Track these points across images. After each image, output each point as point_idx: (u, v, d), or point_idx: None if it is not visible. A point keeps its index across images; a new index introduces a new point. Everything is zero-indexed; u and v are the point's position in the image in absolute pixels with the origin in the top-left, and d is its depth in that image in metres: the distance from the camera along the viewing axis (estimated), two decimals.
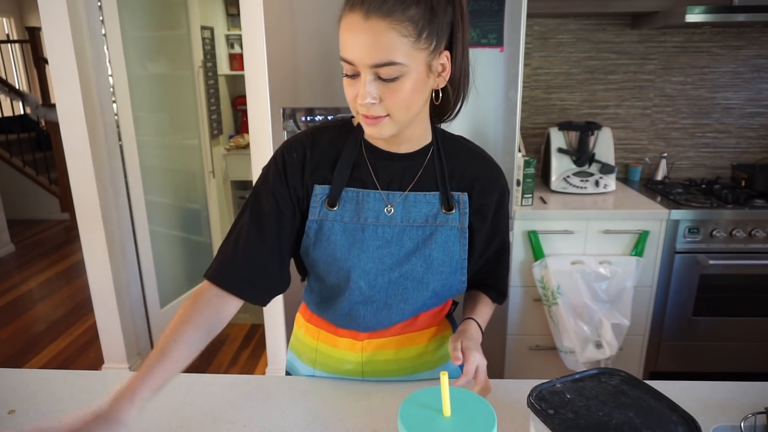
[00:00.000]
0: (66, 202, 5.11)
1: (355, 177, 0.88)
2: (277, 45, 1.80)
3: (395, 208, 0.87)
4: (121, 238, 2.46)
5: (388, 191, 0.88)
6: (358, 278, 0.88)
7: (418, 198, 0.88)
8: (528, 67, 2.50)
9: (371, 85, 0.75)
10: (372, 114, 0.77)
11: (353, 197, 0.87)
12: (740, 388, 0.96)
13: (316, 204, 0.87)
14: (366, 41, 0.72)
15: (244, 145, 3.66)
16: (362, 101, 0.75)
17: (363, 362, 0.97)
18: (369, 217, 0.87)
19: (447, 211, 0.88)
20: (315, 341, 1.00)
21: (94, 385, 0.99)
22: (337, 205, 0.87)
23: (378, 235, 0.87)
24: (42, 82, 5.35)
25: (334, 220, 0.87)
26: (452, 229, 0.89)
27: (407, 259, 0.88)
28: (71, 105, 2.17)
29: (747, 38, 2.43)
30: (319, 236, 0.88)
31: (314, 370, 1.02)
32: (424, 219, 0.88)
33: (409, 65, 0.74)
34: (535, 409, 0.69)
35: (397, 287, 0.89)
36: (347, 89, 0.79)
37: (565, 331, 2.07)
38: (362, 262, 0.87)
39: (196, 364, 2.76)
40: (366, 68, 0.74)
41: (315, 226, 0.88)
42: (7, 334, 3.03)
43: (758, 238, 2.08)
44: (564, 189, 2.30)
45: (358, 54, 0.73)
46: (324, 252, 0.88)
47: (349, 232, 0.87)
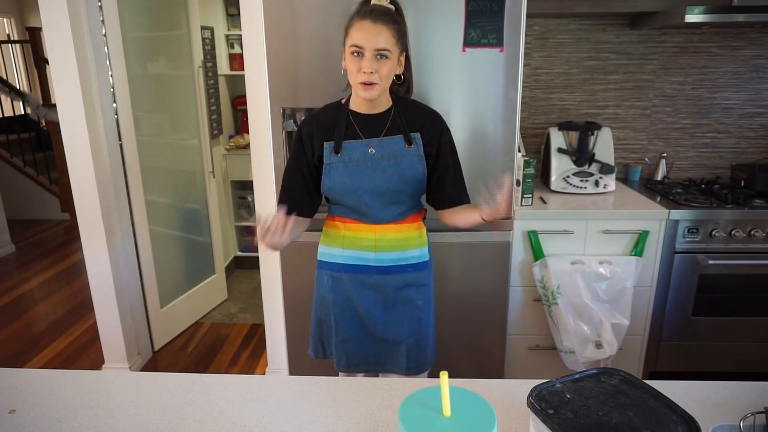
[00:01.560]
0: (66, 202, 5.11)
1: (348, 133, 1.39)
2: (277, 45, 1.80)
3: (375, 149, 1.38)
4: (121, 238, 2.46)
5: (369, 138, 1.39)
6: (361, 195, 1.39)
7: (390, 140, 1.39)
8: (528, 67, 2.50)
9: (373, 61, 1.27)
10: (370, 80, 1.28)
11: (348, 146, 1.39)
12: (739, 388, 0.96)
13: (327, 154, 1.39)
14: (374, 36, 1.26)
15: (244, 145, 3.66)
16: (367, 71, 1.27)
17: (376, 239, 1.44)
18: (359, 156, 1.38)
19: (408, 145, 1.39)
20: (342, 230, 1.47)
21: (95, 385, 0.99)
22: (340, 152, 1.38)
23: (367, 166, 1.38)
24: (42, 82, 5.35)
25: (338, 162, 1.38)
26: (413, 156, 1.40)
27: (390, 179, 1.38)
28: (71, 105, 2.17)
29: (746, 38, 2.44)
30: (330, 173, 1.39)
31: (343, 250, 1.46)
32: (395, 153, 1.39)
33: (393, 53, 1.29)
34: (535, 409, 0.69)
35: (386, 196, 1.40)
36: (351, 66, 1.30)
37: (565, 331, 2.08)
38: (361, 185, 1.38)
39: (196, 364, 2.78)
40: (371, 50, 1.26)
41: (328, 168, 1.39)
42: (8, 333, 3.03)
43: (758, 238, 2.08)
44: (564, 189, 2.31)
45: (369, 42, 1.26)
46: (336, 182, 1.39)
47: (350, 167, 1.38)
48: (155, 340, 2.77)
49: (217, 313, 3.24)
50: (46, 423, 0.88)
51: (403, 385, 0.98)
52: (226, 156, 3.66)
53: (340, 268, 1.48)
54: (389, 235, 1.46)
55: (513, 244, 2.07)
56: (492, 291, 2.01)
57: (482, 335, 2.07)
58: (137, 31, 2.58)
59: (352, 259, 1.47)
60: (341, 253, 1.47)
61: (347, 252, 1.47)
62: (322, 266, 1.53)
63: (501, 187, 1.22)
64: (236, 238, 3.94)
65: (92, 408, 0.92)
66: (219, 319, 3.16)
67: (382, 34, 1.25)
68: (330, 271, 1.49)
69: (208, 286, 3.22)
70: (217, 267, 3.30)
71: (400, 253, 1.46)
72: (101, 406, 0.93)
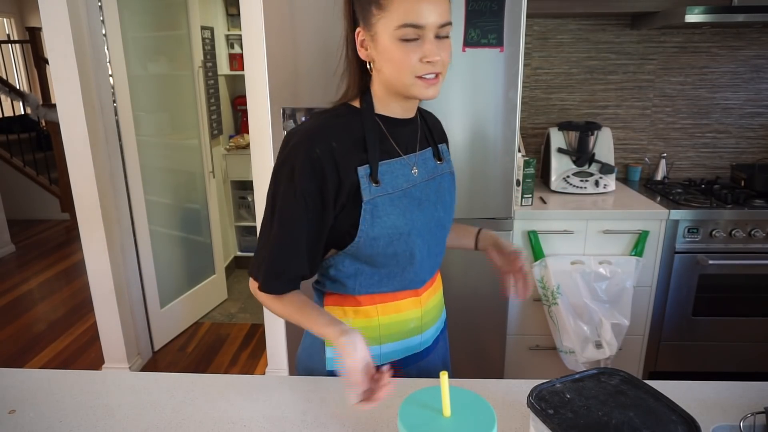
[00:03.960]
0: (66, 202, 5.11)
1: (382, 150, 0.93)
2: (277, 45, 1.80)
3: (418, 169, 0.97)
4: (121, 238, 2.46)
5: (408, 155, 0.97)
6: (416, 238, 0.95)
7: (425, 155, 1.00)
8: (528, 67, 2.50)
9: (434, 44, 0.86)
10: (435, 71, 0.87)
11: (387, 169, 0.93)
12: (740, 388, 0.96)
13: (366, 185, 0.90)
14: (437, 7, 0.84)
15: (244, 145, 3.66)
16: (432, 57, 0.85)
17: (423, 314, 1.03)
18: (403, 183, 0.94)
19: (439, 161, 1.02)
20: (376, 318, 0.99)
21: (95, 385, 0.99)
22: (379, 182, 0.91)
23: (414, 196, 0.95)
24: (42, 82, 5.35)
25: (383, 194, 0.91)
26: (447, 175, 1.03)
27: (435, 209, 0.99)
28: (71, 105, 2.17)
29: (746, 38, 2.44)
30: (376, 214, 0.90)
31: (380, 347, 1.00)
32: (432, 173, 1.00)
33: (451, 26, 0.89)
34: (535, 409, 0.69)
35: (435, 236, 1.00)
36: (405, 56, 0.85)
37: (564, 331, 2.08)
38: (417, 224, 0.95)
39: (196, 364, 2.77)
40: (434, 28, 0.85)
41: (370, 207, 0.90)
42: (8, 334, 3.03)
43: (758, 238, 2.08)
44: (564, 189, 2.30)
45: (434, 16, 0.84)
46: (384, 226, 0.91)
47: (396, 201, 0.92)
48: (155, 340, 2.77)
49: (217, 313, 3.24)
50: (46, 423, 0.88)
51: (403, 385, 0.98)
52: (226, 156, 3.66)
53: None
54: (434, 302, 1.06)
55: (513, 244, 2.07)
56: (492, 291, 2.01)
57: (482, 335, 2.07)
58: (137, 31, 2.58)
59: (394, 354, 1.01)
60: (378, 352, 1.00)
61: (387, 347, 1.01)
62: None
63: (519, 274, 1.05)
64: (236, 238, 3.94)
65: (92, 408, 0.92)
66: (219, 319, 3.16)
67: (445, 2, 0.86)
68: None
69: (208, 286, 3.22)
70: (217, 267, 3.30)
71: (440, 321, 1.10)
72: (101, 406, 0.93)
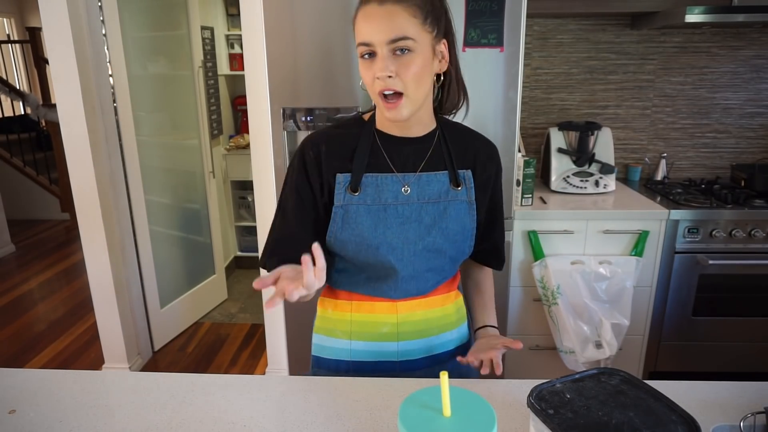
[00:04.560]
0: (66, 202, 5.11)
1: (372, 163, 0.98)
2: (277, 45, 1.80)
3: (411, 188, 0.98)
4: (121, 238, 2.46)
5: (403, 173, 0.98)
6: (386, 253, 0.97)
7: (430, 177, 0.99)
8: (528, 67, 2.50)
9: (388, 60, 0.87)
10: (390, 87, 0.88)
11: (373, 182, 0.97)
12: (739, 388, 0.96)
13: (340, 191, 0.97)
14: (383, 22, 0.86)
15: (244, 145, 3.66)
16: (381, 74, 0.87)
17: (398, 323, 1.04)
18: (389, 198, 0.97)
19: (455, 187, 1.00)
20: (349, 314, 1.05)
21: (95, 385, 0.99)
22: (359, 191, 0.96)
23: (398, 213, 0.97)
24: (42, 82, 5.36)
25: (358, 203, 0.96)
26: (462, 203, 1.00)
27: (428, 233, 0.98)
28: (71, 105, 2.17)
29: (746, 38, 2.44)
30: (345, 219, 0.97)
31: (350, 342, 1.06)
32: (437, 196, 0.99)
33: (418, 41, 0.87)
34: (535, 409, 0.69)
35: (420, 258, 0.99)
36: (365, 72, 0.90)
37: (565, 331, 2.08)
38: (388, 239, 0.97)
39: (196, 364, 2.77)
40: (383, 45, 0.86)
41: (341, 212, 0.97)
42: (8, 334, 3.03)
43: (758, 238, 2.08)
44: (564, 189, 2.30)
45: (377, 34, 0.86)
46: (352, 233, 0.97)
47: (373, 212, 0.96)
48: (155, 340, 2.77)
49: (217, 313, 3.24)
50: (46, 423, 0.88)
51: (403, 385, 0.98)
52: (226, 156, 3.66)
53: (347, 367, 1.07)
54: (417, 316, 1.05)
55: (513, 244, 2.07)
56: None
57: None
58: (137, 31, 2.58)
59: (366, 354, 1.06)
60: (348, 347, 1.06)
61: (357, 345, 1.06)
62: (319, 364, 1.11)
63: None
64: (236, 238, 3.94)
65: (92, 408, 0.92)
66: (219, 319, 3.16)
67: (396, 16, 0.85)
68: (334, 373, 1.08)
69: (208, 286, 3.22)
70: (217, 267, 3.30)
71: (432, 339, 1.06)
72: (101, 406, 0.93)
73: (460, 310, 1.11)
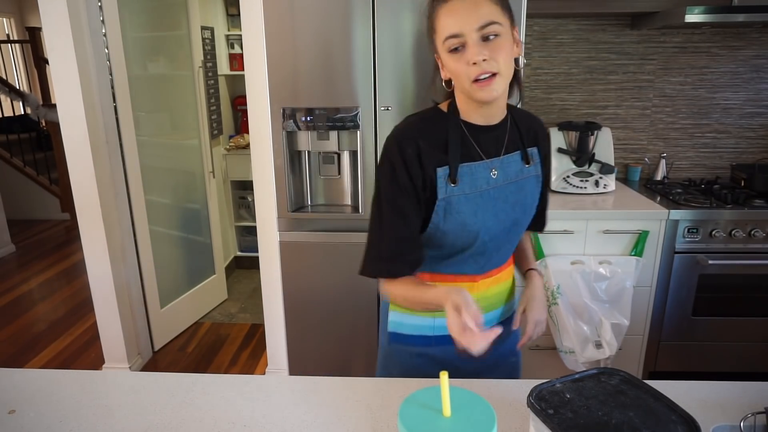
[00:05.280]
0: (66, 202, 5.11)
1: (464, 153, 1.03)
2: (277, 45, 1.80)
3: (498, 171, 1.05)
4: (122, 238, 2.46)
5: (490, 159, 1.04)
6: (484, 236, 1.04)
7: (510, 159, 1.06)
8: (528, 67, 2.50)
9: (479, 46, 0.91)
10: (486, 70, 0.91)
11: (467, 171, 1.02)
12: (740, 388, 0.96)
13: (442, 185, 1.01)
14: (470, 11, 0.91)
15: (244, 145, 3.66)
16: (477, 58, 0.90)
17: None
18: (483, 184, 1.03)
19: (527, 164, 1.08)
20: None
21: (95, 385, 0.99)
22: (457, 182, 1.01)
23: (491, 197, 1.04)
24: (42, 82, 5.36)
25: (459, 194, 1.02)
26: (533, 178, 1.09)
27: (513, 210, 1.06)
28: (71, 105, 2.17)
29: (746, 38, 2.44)
30: (449, 210, 1.02)
31: (434, 319, 1.11)
32: (516, 175, 1.07)
33: (503, 25, 0.92)
34: (535, 409, 0.69)
35: (508, 234, 1.08)
36: (454, 65, 0.94)
37: (565, 331, 2.08)
38: (487, 223, 1.03)
39: (196, 364, 2.77)
40: (473, 33, 0.91)
41: (443, 204, 1.01)
42: (8, 334, 3.03)
43: (758, 238, 2.08)
44: (564, 189, 2.30)
45: (466, 23, 0.90)
46: (455, 222, 1.02)
47: (471, 200, 1.02)
48: (155, 340, 2.77)
49: (217, 313, 3.24)
50: (46, 423, 0.88)
51: (403, 385, 0.98)
52: (226, 156, 3.66)
53: (429, 342, 1.11)
54: (492, 291, 1.13)
55: None
56: None
57: None
58: (137, 31, 2.58)
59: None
60: (432, 323, 1.11)
61: (441, 321, 1.07)
62: (398, 339, 1.14)
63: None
64: (236, 238, 3.94)
65: (92, 408, 0.92)
66: (219, 319, 3.16)
67: (481, 4, 0.91)
68: (414, 347, 1.12)
69: (208, 286, 3.22)
70: (217, 267, 3.30)
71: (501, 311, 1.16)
72: (101, 406, 0.93)
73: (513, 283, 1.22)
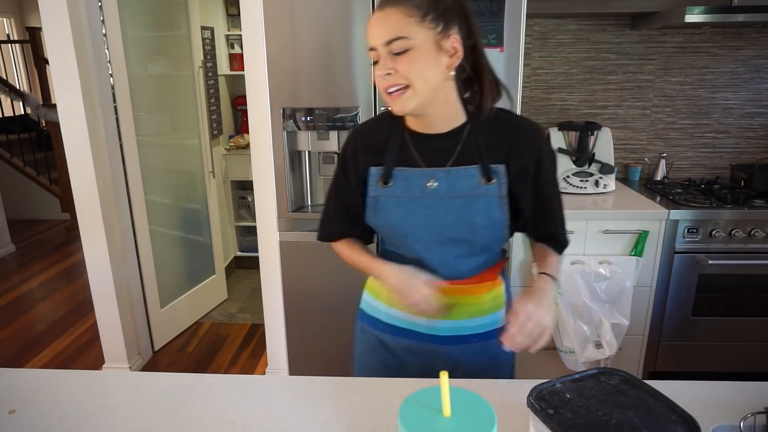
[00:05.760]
0: (66, 202, 5.11)
1: (402, 158, 1.04)
2: (277, 45, 1.80)
3: (439, 182, 1.01)
4: (122, 238, 2.46)
5: (432, 168, 1.02)
6: (413, 243, 1.05)
7: (460, 172, 1.01)
8: (528, 67, 2.50)
9: (387, 60, 0.93)
10: (392, 83, 0.93)
11: (401, 175, 1.03)
12: (740, 388, 0.96)
13: (372, 183, 1.06)
14: (379, 25, 0.92)
15: (244, 145, 3.66)
16: (380, 73, 0.94)
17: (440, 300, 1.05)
18: (417, 192, 1.02)
19: (487, 182, 1.01)
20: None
21: (95, 385, 0.99)
22: (390, 183, 1.04)
23: (425, 206, 1.02)
24: (42, 82, 5.36)
25: (388, 195, 1.04)
26: (492, 198, 1.01)
27: (454, 225, 1.01)
28: (72, 105, 2.17)
29: (746, 38, 2.44)
30: (376, 208, 1.06)
31: (389, 309, 1.13)
32: (466, 190, 1.01)
33: (415, 39, 0.91)
34: (535, 409, 0.69)
35: (447, 247, 1.05)
36: (375, 77, 0.97)
37: (564, 331, 2.08)
38: (415, 229, 1.03)
39: (196, 364, 2.77)
40: (382, 48, 0.92)
41: (372, 201, 1.06)
42: (8, 334, 3.03)
43: (757, 238, 2.08)
44: (564, 189, 2.30)
45: (376, 37, 0.93)
46: (382, 221, 1.06)
47: (402, 204, 1.03)
48: (155, 340, 2.77)
49: (217, 313, 3.24)
50: (46, 423, 0.88)
51: (403, 385, 0.98)
52: (226, 156, 3.66)
53: (383, 327, 1.15)
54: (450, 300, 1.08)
55: (513, 244, 2.07)
56: None
57: None
58: (137, 31, 2.58)
59: (399, 321, 1.13)
60: (387, 311, 1.14)
61: (393, 312, 1.13)
62: (363, 318, 1.20)
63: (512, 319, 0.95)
64: (236, 238, 3.94)
65: (92, 408, 0.92)
66: (219, 319, 3.16)
67: (390, 18, 0.91)
68: (371, 329, 1.17)
69: (208, 286, 3.22)
70: (217, 267, 3.30)
71: (461, 322, 1.10)
72: (101, 406, 0.93)
73: (496, 299, 1.12)
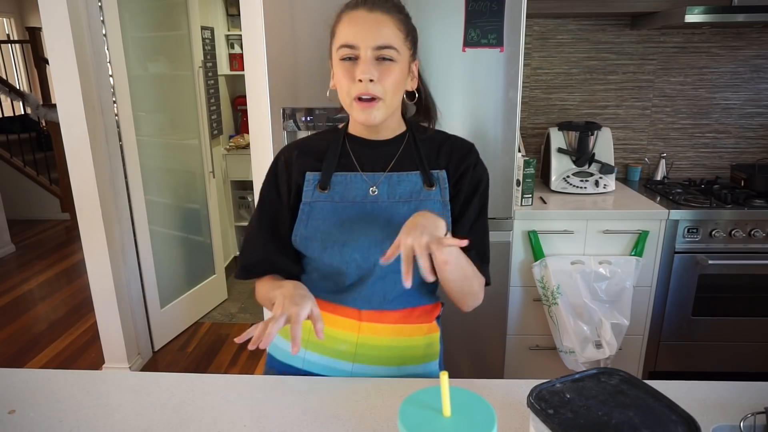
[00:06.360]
0: (66, 202, 5.11)
1: (342, 164, 1.01)
2: (277, 45, 1.80)
3: (379, 188, 0.98)
4: (122, 238, 2.46)
5: (372, 173, 1.00)
6: (352, 251, 0.96)
7: (401, 177, 0.99)
8: (528, 67, 2.50)
9: (371, 64, 0.90)
10: (369, 92, 0.90)
11: (341, 180, 0.99)
12: (739, 388, 0.96)
13: (309, 188, 0.99)
14: (372, 28, 0.89)
15: (244, 145, 3.66)
16: (364, 76, 0.89)
17: (357, 344, 1.01)
18: (356, 197, 0.98)
19: (428, 187, 0.99)
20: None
21: (95, 385, 0.99)
22: (328, 189, 0.98)
23: (366, 211, 0.97)
24: (42, 82, 5.36)
25: (326, 201, 0.98)
26: (435, 203, 0.98)
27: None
28: (72, 105, 2.17)
29: (746, 38, 2.44)
30: (311, 215, 0.98)
31: (305, 351, 1.04)
32: (408, 195, 0.98)
33: (401, 53, 0.92)
34: (535, 409, 0.69)
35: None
36: (343, 74, 0.92)
37: (564, 331, 2.08)
38: (354, 236, 0.96)
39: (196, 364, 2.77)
40: (368, 50, 0.89)
41: (307, 208, 0.99)
42: (8, 334, 3.03)
43: (757, 238, 2.08)
44: (564, 189, 2.30)
45: (365, 37, 0.89)
46: (317, 229, 0.97)
47: (339, 210, 0.98)
48: (155, 340, 2.77)
49: (217, 313, 3.24)
50: (46, 423, 0.88)
51: (403, 385, 0.98)
52: (226, 156, 3.67)
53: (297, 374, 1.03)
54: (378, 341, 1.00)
55: (513, 244, 2.07)
56: (492, 291, 2.00)
57: (482, 335, 2.07)
58: (137, 31, 2.58)
59: (318, 367, 1.03)
60: (303, 355, 1.04)
61: (311, 356, 1.03)
62: (272, 364, 1.09)
63: None
64: (236, 238, 3.94)
65: (92, 408, 0.92)
66: (219, 319, 3.16)
67: (384, 25, 0.90)
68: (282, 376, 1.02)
69: (208, 286, 3.22)
70: (217, 267, 3.30)
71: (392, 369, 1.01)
72: (101, 406, 0.93)
73: (431, 346, 1.04)
